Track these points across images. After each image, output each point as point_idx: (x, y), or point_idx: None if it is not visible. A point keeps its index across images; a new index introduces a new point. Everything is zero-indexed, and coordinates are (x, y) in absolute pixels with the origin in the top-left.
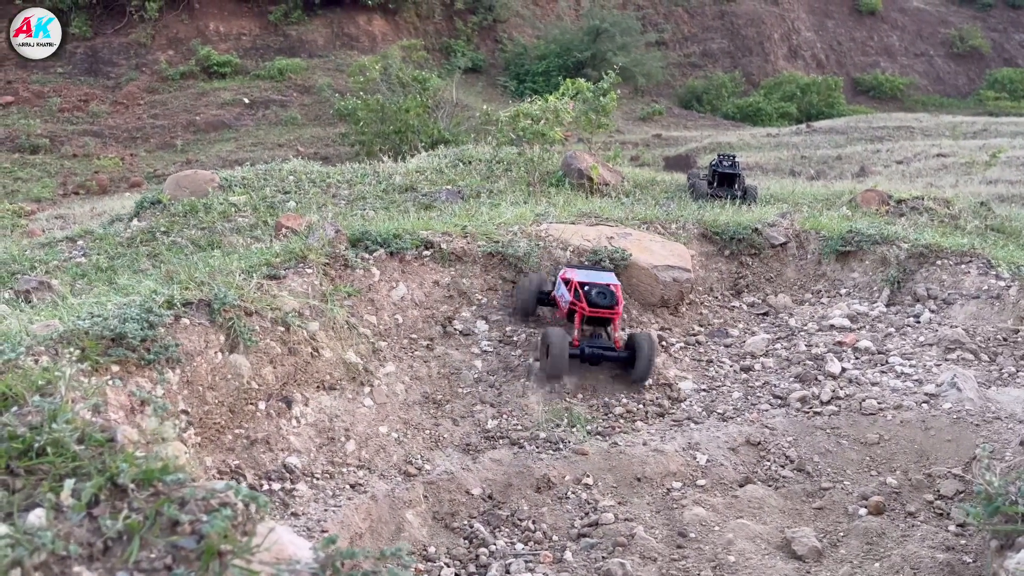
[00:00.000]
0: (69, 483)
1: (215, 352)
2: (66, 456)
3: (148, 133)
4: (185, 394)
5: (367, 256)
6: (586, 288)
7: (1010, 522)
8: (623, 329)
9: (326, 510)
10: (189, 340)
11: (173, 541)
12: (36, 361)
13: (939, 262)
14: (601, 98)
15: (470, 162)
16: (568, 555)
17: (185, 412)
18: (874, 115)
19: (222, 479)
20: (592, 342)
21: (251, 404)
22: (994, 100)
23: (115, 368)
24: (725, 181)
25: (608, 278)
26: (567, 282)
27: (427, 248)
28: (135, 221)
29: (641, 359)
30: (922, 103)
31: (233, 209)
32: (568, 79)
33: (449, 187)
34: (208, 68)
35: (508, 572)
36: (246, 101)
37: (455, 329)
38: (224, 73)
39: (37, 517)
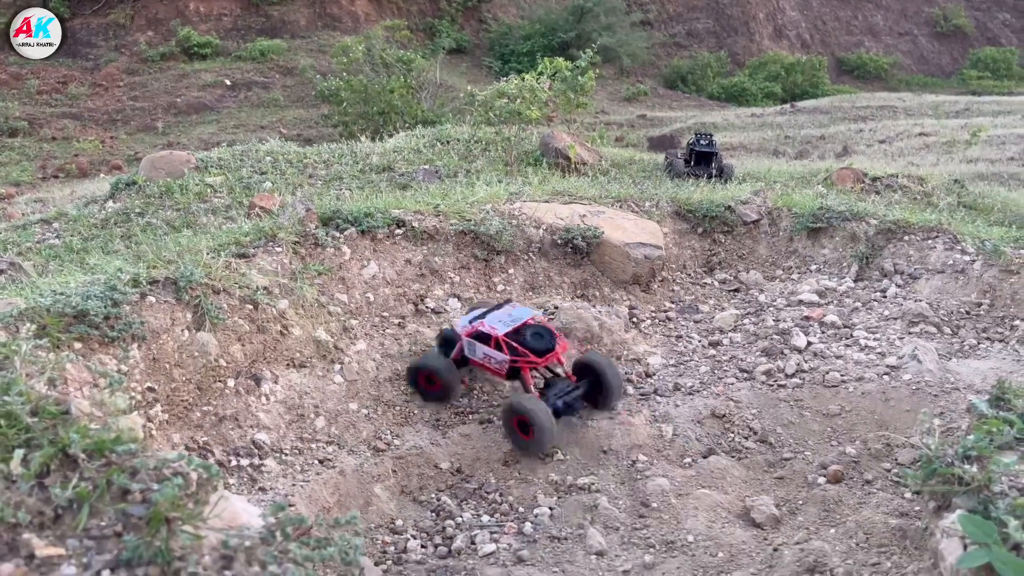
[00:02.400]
0: (19, 453)
1: (182, 330)
2: (18, 427)
3: (128, 115)
4: (151, 371)
5: (338, 235)
6: (520, 337)
7: (947, 484)
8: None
9: (294, 485)
10: (155, 318)
11: (123, 509)
12: None
13: (907, 238)
14: (579, 77)
15: (448, 142)
16: (530, 527)
17: (151, 389)
18: (858, 95)
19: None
20: (557, 392)
21: (219, 381)
22: (977, 79)
23: (77, 345)
24: (702, 159)
25: (522, 313)
26: (485, 337)
27: (399, 227)
28: (110, 203)
29: (609, 389)
30: (906, 82)
31: (209, 190)
32: (547, 59)
33: (426, 167)
34: (189, 49)
35: (473, 543)
36: (228, 83)
37: (427, 307)
38: (205, 54)
39: None
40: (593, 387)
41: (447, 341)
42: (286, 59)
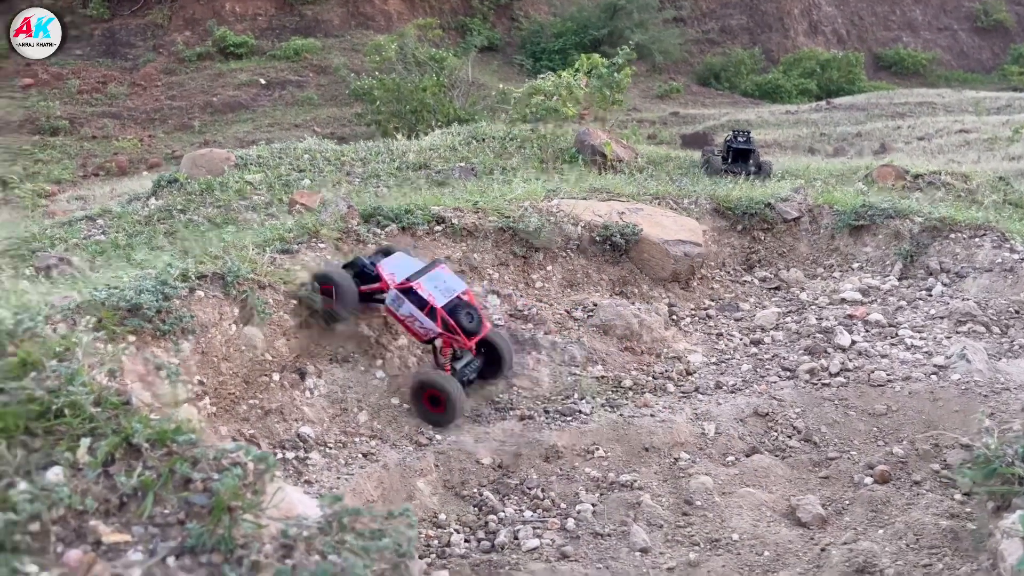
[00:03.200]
0: (85, 442)
1: (229, 324)
2: (83, 417)
3: (166, 114)
4: (200, 364)
5: (379, 231)
6: (454, 314)
7: (1006, 484)
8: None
9: (339, 478)
10: (203, 312)
11: (186, 497)
12: (54, 330)
13: (953, 235)
14: (615, 74)
15: (483, 139)
16: (573, 523)
17: (200, 382)
18: (895, 91)
19: None
20: (465, 366)
21: (265, 375)
22: (1018, 75)
23: (131, 338)
24: (739, 157)
25: (454, 283)
26: (419, 300)
27: (439, 223)
28: (152, 200)
29: (504, 362)
30: (945, 78)
31: (248, 187)
32: (583, 55)
33: (462, 164)
34: (225, 49)
35: (516, 538)
36: (262, 82)
37: None
38: (240, 54)
39: (55, 474)
40: (489, 360)
41: (360, 272)
42: (320, 58)
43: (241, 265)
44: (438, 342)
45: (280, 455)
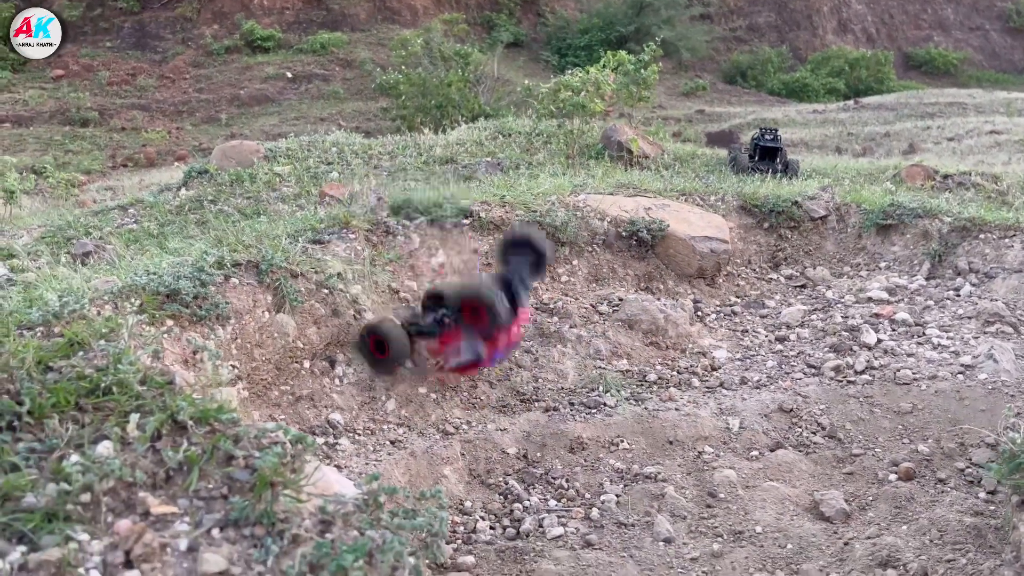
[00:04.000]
0: (134, 418)
1: (262, 311)
2: (130, 395)
3: (194, 107)
4: (234, 350)
5: (408, 223)
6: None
7: None
8: None
9: (367, 464)
10: (238, 299)
11: (229, 472)
12: (99, 312)
13: (982, 236)
14: (642, 71)
15: (510, 135)
16: (597, 512)
17: (234, 368)
18: (925, 91)
19: None
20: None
21: (296, 362)
22: None
23: (170, 322)
24: (767, 155)
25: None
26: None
27: (466, 217)
28: (183, 190)
29: None
30: (976, 79)
31: (278, 179)
32: (609, 52)
33: (489, 159)
34: (252, 42)
35: (541, 526)
36: (289, 75)
37: None
38: (268, 47)
39: (105, 448)
40: None
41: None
42: (346, 52)
43: (274, 254)
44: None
45: (315, 447)
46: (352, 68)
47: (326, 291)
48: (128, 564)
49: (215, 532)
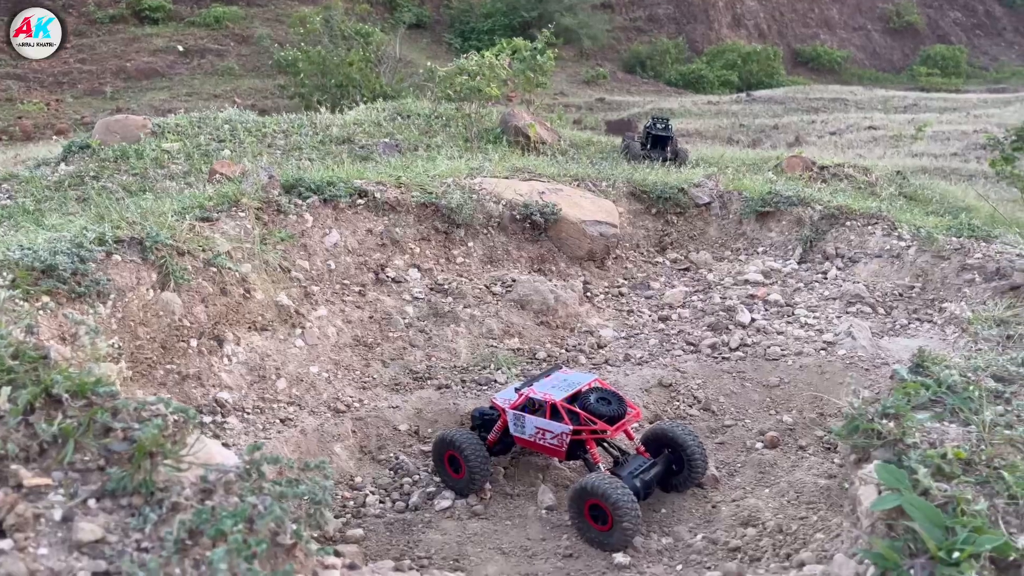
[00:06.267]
0: (6, 391)
1: (147, 289)
2: (1, 369)
3: (75, 78)
4: (116, 328)
5: (300, 202)
6: (583, 401)
7: (867, 438)
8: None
9: (256, 442)
10: (120, 276)
11: (106, 445)
12: None
13: (848, 223)
14: (538, 57)
15: (409, 116)
16: (487, 485)
17: (117, 346)
18: (812, 86)
19: None
20: (632, 470)
21: (183, 341)
22: (926, 76)
23: (46, 298)
24: (658, 143)
25: (577, 377)
26: (536, 407)
27: (361, 197)
28: (63, 165)
29: (694, 465)
30: (858, 76)
31: (166, 156)
32: (505, 38)
33: (387, 140)
34: (140, 12)
35: (430, 499)
36: (180, 49)
37: (387, 276)
38: (157, 18)
39: None
40: (670, 464)
41: (484, 422)
42: (242, 27)
43: (159, 231)
44: (589, 455)
45: (199, 422)
46: (248, 44)
47: (214, 269)
48: (1, 533)
49: (91, 502)
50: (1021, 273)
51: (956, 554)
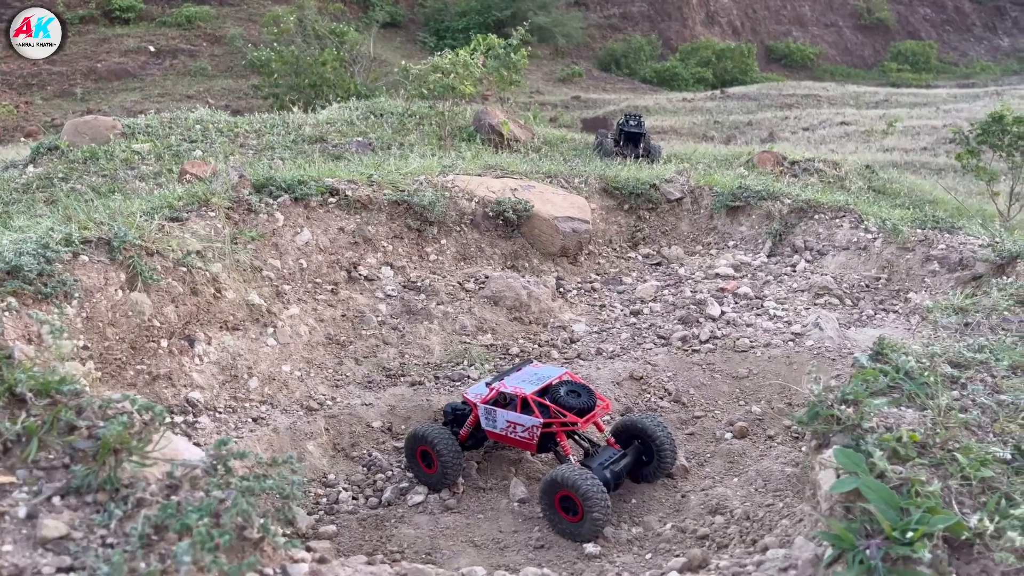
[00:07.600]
0: None
1: (115, 289)
2: None
3: (45, 80)
4: (84, 328)
5: (271, 201)
6: (553, 394)
7: (827, 424)
8: None
9: (223, 437)
10: (88, 277)
11: (70, 442)
12: None
13: (817, 216)
14: (512, 55)
15: (382, 115)
16: (460, 480)
17: (85, 347)
18: (785, 83)
19: None
20: (602, 462)
21: (153, 341)
22: (897, 72)
23: (10, 299)
24: (630, 140)
25: (547, 371)
26: (507, 400)
27: (332, 195)
28: (31, 167)
29: (663, 455)
30: (830, 72)
31: (136, 157)
32: (479, 35)
33: (360, 139)
34: (110, 12)
35: (403, 495)
36: (152, 49)
37: (360, 275)
38: (128, 19)
39: None
40: (640, 455)
41: (457, 417)
42: (214, 27)
43: (128, 231)
44: (560, 447)
45: (169, 420)
46: (221, 44)
47: (184, 269)
48: None
49: (56, 500)
50: (983, 263)
51: (910, 534)
